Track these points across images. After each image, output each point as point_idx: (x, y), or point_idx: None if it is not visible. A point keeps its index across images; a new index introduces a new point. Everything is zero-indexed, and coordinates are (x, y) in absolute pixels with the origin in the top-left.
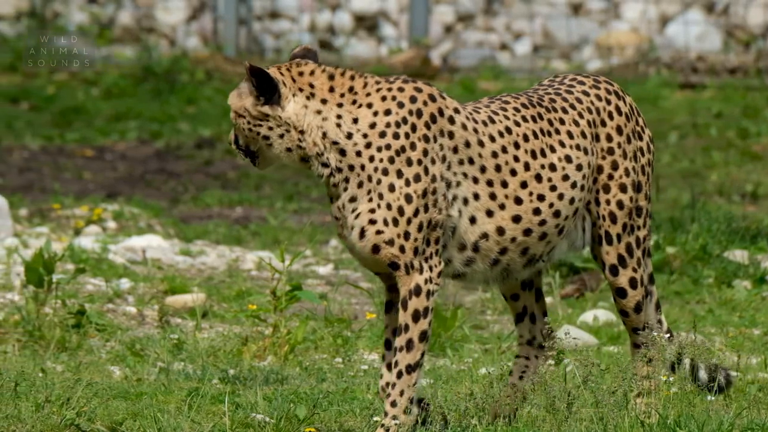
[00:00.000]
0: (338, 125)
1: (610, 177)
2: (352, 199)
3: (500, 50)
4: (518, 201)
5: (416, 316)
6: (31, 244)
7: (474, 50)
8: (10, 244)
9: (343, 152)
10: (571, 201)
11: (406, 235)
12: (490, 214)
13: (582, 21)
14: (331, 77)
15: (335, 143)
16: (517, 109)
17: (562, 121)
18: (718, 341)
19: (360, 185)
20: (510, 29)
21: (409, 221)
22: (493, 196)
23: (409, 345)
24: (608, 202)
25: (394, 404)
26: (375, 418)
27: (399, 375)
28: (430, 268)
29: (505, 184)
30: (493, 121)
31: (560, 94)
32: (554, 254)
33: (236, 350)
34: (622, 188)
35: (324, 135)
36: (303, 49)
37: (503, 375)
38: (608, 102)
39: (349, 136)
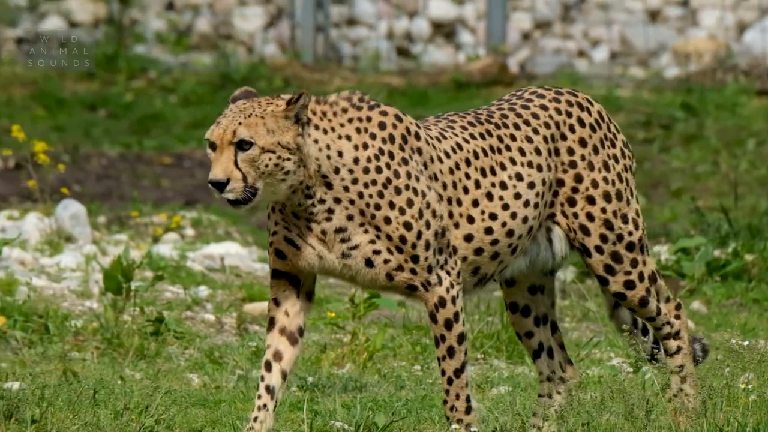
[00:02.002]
0: (328, 157)
1: (575, 190)
2: (340, 230)
3: (578, 57)
4: (470, 220)
5: (449, 325)
6: (110, 251)
7: (551, 57)
8: (88, 252)
9: (329, 186)
10: (525, 220)
11: (415, 259)
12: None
13: (659, 28)
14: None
15: (324, 176)
16: (464, 128)
17: (513, 138)
18: None
19: (350, 218)
20: (587, 36)
21: (414, 246)
22: (450, 215)
23: (450, 352)
24: (576, 215)
25: (453, 409)
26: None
27: (450, 381)
28: (448, 273)
29: (459, 202)
30: (444, 137)
31: (514, 109)
32: (507, 272)
33: (315, 357)
34: (590, 200)
35: (318, 167)
36: (243, 91)
37: (582, 382)
38: (569, 115)
39: (336, 170)
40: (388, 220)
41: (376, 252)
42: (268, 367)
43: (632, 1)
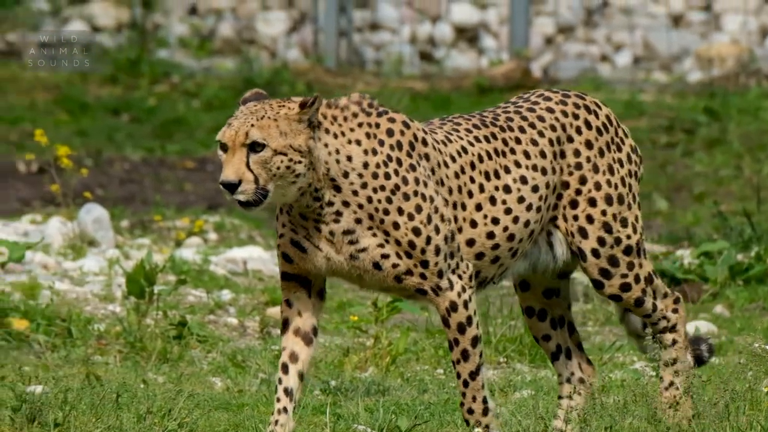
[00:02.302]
0: (337, 161)
1: (578, 192)
2: (348, 232)
3: (601, 62)
4: (473, 224)
5: (462, 329)
6: (133, 255)
7: (574, 62)
8: (111, 256)
9: (338, 189)
10: (527, 224)
11: (424, 264)
12: (452, 238)
13: (682, 33)
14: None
15: (332, 180)
16: (468, 130)
17: (518, 141)
18: None
19: (358, 221)
20: (610, 41)
21: (423, 251)
22: (456, 219)
23: (464, 355)
24: (576, 217)
25: (471, 412)
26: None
27: (465, 384)
28: (460, 277)
29: (464, 207)
30: (450, 141)
31: (520, 112)
32: (507, 274)
33: (338, 361)
34: (591, 202)
35: (327, 171)
36: (254, 93)
37: (605, 386)
38: (576, 117)
39: (346, 174)
40: (396, 226)
41: (385, 256)
42: (285, 369)
43: (655, 6)
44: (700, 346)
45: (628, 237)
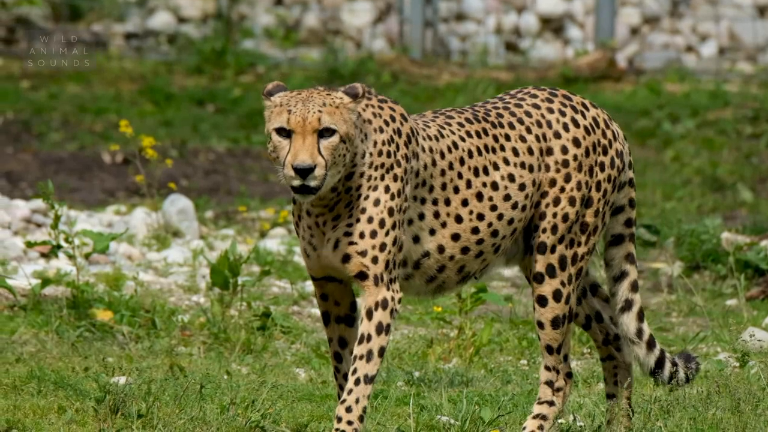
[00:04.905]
0: (362, 140)
1: (562, 190)
2: (336, 218)
3: (686, 52)
4: (459, 219)
5: (379, 329)
6: (217, 246)
7: (660, 52)
8: (195, 246)
9: (350, 176)
10: (510, 221)
11: (382, 247)
12: (432, 232)
13: None
14: None
15: (354, 165)
16: (461, 124)
17: (507, 138)
18: None
19: (348, 205)
20: (696, 31)
21: (387, 233)
22: (437, 215)
23: (369, 355)
24: (555, 215)
25: (349, 410)
26: (560, 421)
27: (357, 382)
28: (396, 291)
29: (448, 202)
30: (442, 136)
31: (508, 108)
32: (488, 270)
33: (421, 352)
34: (571, 201)
35: (354, 155)
36: (276, 85)
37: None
38: (562, 114)
39: (363, 155)
40: (377, 202)
41: (347, 234)
42: (338, 357)
43: None
44: (689, 363)
45: (579, 244)
